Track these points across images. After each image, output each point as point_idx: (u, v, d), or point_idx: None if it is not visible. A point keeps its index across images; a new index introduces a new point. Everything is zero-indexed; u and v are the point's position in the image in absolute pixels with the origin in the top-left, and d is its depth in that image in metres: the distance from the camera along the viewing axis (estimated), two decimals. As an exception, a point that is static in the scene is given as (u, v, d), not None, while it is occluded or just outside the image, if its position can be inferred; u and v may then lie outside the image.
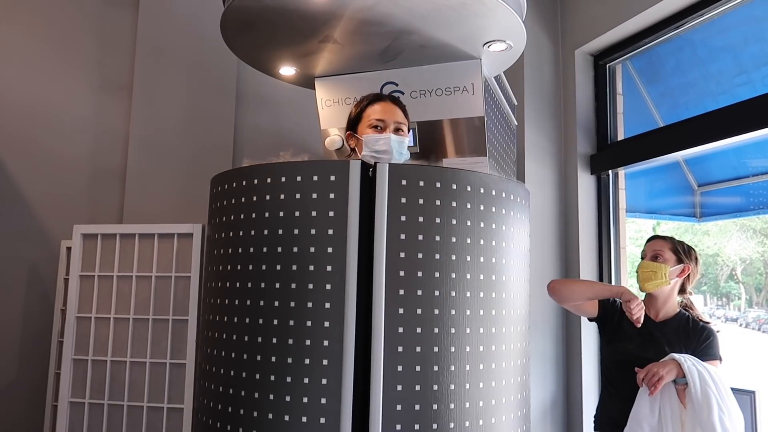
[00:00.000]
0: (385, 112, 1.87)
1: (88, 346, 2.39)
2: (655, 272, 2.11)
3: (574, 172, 3.26)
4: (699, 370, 1.89)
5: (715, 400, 1.84)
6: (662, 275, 2.10)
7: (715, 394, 1.85)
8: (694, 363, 1.92)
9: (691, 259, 2.16)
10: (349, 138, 1.94)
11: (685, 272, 2.15)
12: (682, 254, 2.15)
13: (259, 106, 3.26)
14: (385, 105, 1.89)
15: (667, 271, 2.11)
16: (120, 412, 2.34)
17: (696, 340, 2.06)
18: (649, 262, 2.14)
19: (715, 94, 3.10)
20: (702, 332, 2.07)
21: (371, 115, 1.87)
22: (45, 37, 3.07)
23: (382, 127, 1.85)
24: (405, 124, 1.89)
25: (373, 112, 1.88)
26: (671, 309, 2.15)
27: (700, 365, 1.92)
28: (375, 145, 1.82)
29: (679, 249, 2.16)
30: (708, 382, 1.87)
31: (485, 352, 1.30)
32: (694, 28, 2.87)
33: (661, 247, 2.16)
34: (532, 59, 3.31)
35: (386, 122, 1.85)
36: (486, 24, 1.92)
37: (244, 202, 1.34)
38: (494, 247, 1.35)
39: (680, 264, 2.14)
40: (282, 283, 1.26)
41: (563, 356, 3.22)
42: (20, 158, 2.97)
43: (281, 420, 1.22)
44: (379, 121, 1.85)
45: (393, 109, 1.89)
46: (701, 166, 3.54)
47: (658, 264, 2.12)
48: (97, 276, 2.44)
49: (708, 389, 1.86)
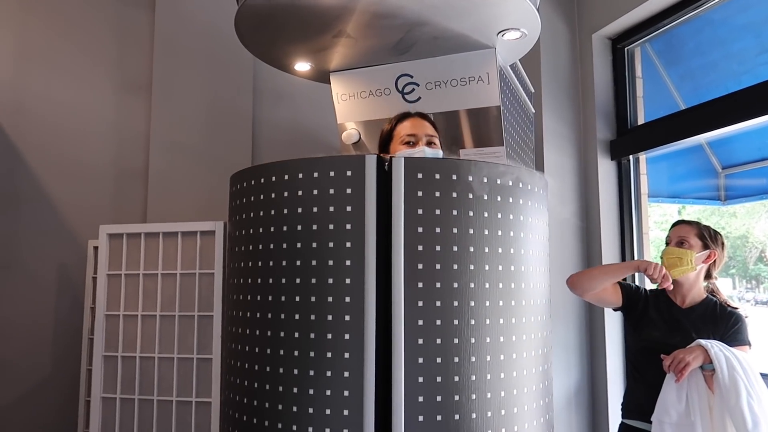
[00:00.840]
0: (415, 127, 1.90)
1: (118, 343, 2.45)
2: (681, 258, 2.08)
3: (594, 159, 3.22)
4: (726, 355, 1.87)
5: (744, 386, 1.82)
6: (688, 261, 2.07)
7: (743, 380, 1.83)
8: (722, 348, 1.89)
9: (718, 244, 2.13)
10: None
11: (711, 258, 2.11)
12: (708, 239, 2.11)
13: (276, 102, 3.28)
14: (414, 121, 1.92)
15: (692, 257, 2.07)
16: (150, 406, 2.39)
17: (724, 325, 2.03)
18: (675, 248, 2.10)
19: (738, 74, 3.03)
20: (730, 317, 2.04)
21: (402, 132, 1.91)
22: (65, 40, 3.13)
23: (414, 141, 1.88)
24: (436, 137, 1.92)
25: (403, 128, 1.91)
26: (697, 295, 2.12)
27: (727, 350, 1.89)
28: None
29: (705, 234, 2.12)
30: (736, 368, 1.84)
31: (505, 343, 1.31)
32: (714, 7, 2.81)
33: (687, 232, 2.12)
34: (548, 45, 3.28)
35: (418, 136, 1.88)
36: (499, 12, 1.91)
37: (262, 199, 1.36)
38: (512, 237, 1.35)
39: (706, 250, 2.10)
40: (302, 279, 1.28)
41: (587, 345, 3.20)
42: (46, 162, 3.04)
43: (305, 412, 1.25)
44: (411, 137, 1.88)
45: (422, 123, 1.91)
46: (725, 148, 3.47)
47: (683, 250, 2.08)
48: (124, 274, 2.49)
49: (736, 375, 1.83)
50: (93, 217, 2.94)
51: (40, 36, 3.11)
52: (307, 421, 1.25)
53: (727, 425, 1.83)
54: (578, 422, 3.13)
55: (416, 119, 1.93)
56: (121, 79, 3.18)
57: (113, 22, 3.20)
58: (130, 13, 3.22)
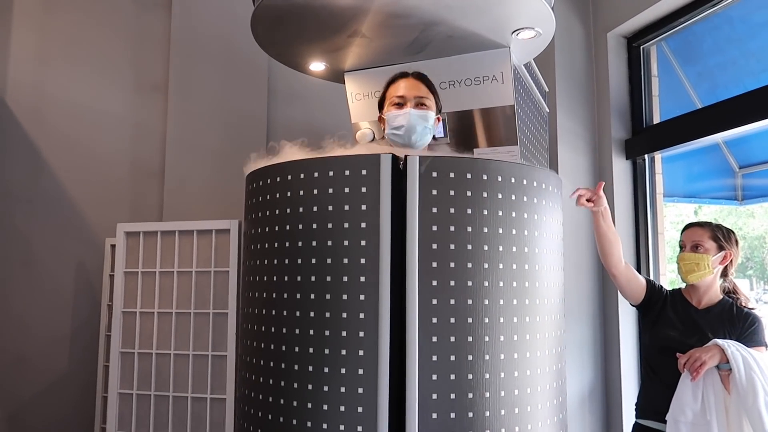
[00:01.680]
0: (407, 88, 1.82)
1: (134, 340, 2.49)
2: (698, 264, 2.06)
3: (609, 158, 3.20)
4: (743, 355, 1.85)
5: (761, 386, 1.80)
6: (705, 266, 2.06)
7: (760, 380, 1.81)
8: (738, 348, 1.88)
9: (732, 243, 2.11)
10: (380, 121, 1.92)
11: (728, 259, 2.09)
12: (723, 240, 2.09)
13: (291, 101, 3.30)
14: (407, 81, 1.85)
15: (709, 261, 2.06)
16: (166, 402, 2.42)
17: (740, 326, 2.01)
18: (690, 254, 2.09)
19: (756, 72, 2.99)
20: (746, 318, 2.02)
21: (392, 93, 1.84)
22: (84, 42, 3.18)
23: (402, 103, 1.80)
24: (429, 99, 1.83)
25: (394, 89, 1.85)
26: (714, 296, 2.11)
27: (744, 350, 1.88)
28: (394, 122, 1.79)
29: (718, 235, 2.10)
30: (753, 368, 1.83)
31: (519, 341, 1.31)
32: (732, 4, 2.78)
33: (700, 236, 2.10)
34: (563, 44, 3.26)
35: (406, 98, 1.80)
36: (513, 12, 1.91)
37: (278, 197, 1.38)
38: (526, 236, 1.35)
39: (721, 251, 2.08)
40: (317, 277, 1.29)
41: (601, 344, 3.18)
42: (65, 161, 3.09)
43: (320, 409, 1.26)
44: (400, 98, 1.81)
45: (415, 84, 1.83)
46: (742, 147, 3.43)
47: (699, 255, 2.07)
48: (141, 272, 2.52)
49: (753, 374, 1.82)
50: (110, 215, 2.98)
51: (59, 38, 3.15)
52: (321, 417, 1.26)
53: (744, 425, 1.82)
54: (592, 422, 3.11)
55: (409, 80, 1.85)
56: (138, 79, 3.22)
57: (131, 25, 3.24)
58: (147, 15, 3.26)
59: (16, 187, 3.04)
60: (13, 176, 3.04)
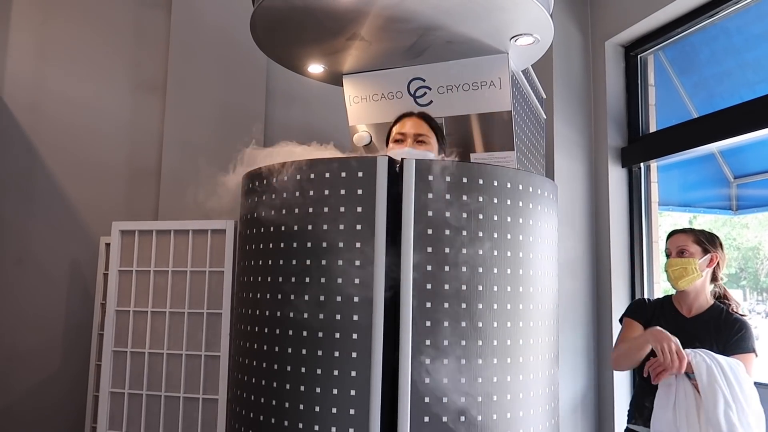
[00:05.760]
0: (408, 126, 1.95)
1: (127, 339, 2.48)
2: (686, 268, 2.08)
3: (605, 165, 3.22)
4: (708, 363, 1.86)
5: (722, 395, 1.81)
6: (693, 269, 2.07)
7: (722, 389, 1.82)
8: (705, 357, 1.89)
9: (717, 246, 2.13)
10: None
11: (714, 261, 2.11)
12: (707, 243, 2.11)
13: (289, 103, 3.31)
14: (410, 120, 1.97)
15: (696, 264, 2.07)
16: (157, 402, 2.41)
17: (727, 333, 2.01)
18: (677, 260, 2.10)
19: (752, 83, 3.02)
20: (733, 325, 2.03)
21: (395, 130, 1.98)
22: (83, 40, 3.17)
23: (402, 140, 1.93)
24: (429, 137, 1.94)
25: (397, 127, 1.98)
26: (704, 302, 2.12)
27: (711, 359, 1.88)
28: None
29: (702, 239, 2.12)
30: (715, 376, 1.84)
31: (512, 346, 1.31)
32: (729, 16, 2.80)
33: (684, 241, 2.12)
34: (561, 51, 3.28)
35: (406, 135, 1.93)
36: (512, 18, 1.92)
37: (274, 198, 1.38)
38: (521, 241, 1.36)
39: (707, 254, 2.10)
40: (312, 278, 1.29)
41: (594, 350, 3.19)
42: (61, 159, 3.08)
43: (312, 410, 1.26)
44: (401, 135, 1.94)
45: (417, 122, 1.95)
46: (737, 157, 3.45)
47: (686, 259, 2.08)
48: (135, 271, 2.52)
49: (715, 383, 1.83)
50: (105, 213, 2.97)
51: (58, 36, 3.15)
52: (313, 419, 1.26)
53: None
54: (584, 428, 3.12)
55: (413, 118, 1.97)
56: (136, 79, 3.22)
57: (130, 23, 3.24)
58: (146, 14, 3.26)
59: (12, 183, 3.03)
60: (9, 173, 3.04)
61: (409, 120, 1.97)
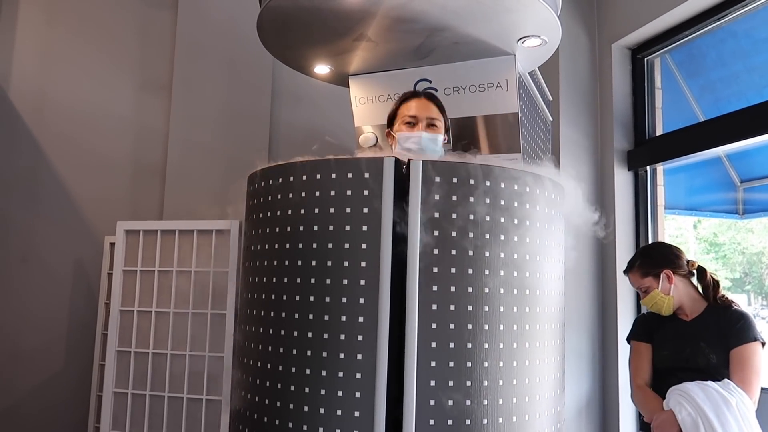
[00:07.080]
0: (419, 108, 1.90)
1: (131, 339, 2.47)
2: (655, 302, 2.13)
3: (611, 168, 3.20)
4: (693, 419, 1.86)
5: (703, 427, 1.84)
6: (661, 298, 2.11)
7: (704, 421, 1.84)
8: (690, 412, 1.88)
9: (662, 260, 2.14)
10: (388, 135, 1.99)
11: (670, 276, 2.12)
12: (651, 268, 2.14)
13: (294, 103, 3.30)
14: (419, 101, 1.92)
15: (659, 294, 2.11)
16: (161, 402, 2.41)
17: (728, 327, 2.02)
18: (645, 298, 2.16)
19: (760, 86, 3.00)
20: (732, 317, 2.03)
21: (405, 112, 1.91)
22: (89, 40, 3.18)
23: (414, 123, 1.88)
24: (439, 120, 1.91)
25: (407, 109, 1.92)
26: (698, 305, 2.13)
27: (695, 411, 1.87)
28: (406, 143, 1.86)
29: (646, 268, 2.15)
30: (700, 428, 1.84)
31: (519, 349, 1.30)
32: (736, 19, 2.78)
33: (636, 281, 2.19)
34: (567, 54, 3.27)
35: (418, 118, 1.88)
36: (520, 19, 1.91)
37: (279, 199, 1.37)
38: (528, 243, 1.34)
39: (659, 276, 2.12)
40: (317, 279, 1.28)
41: (599, 354, 3.18)
42: (67, 158, 3.09)
43: (316, 412, 1.25)
44: (412, 118, 1.89)
45: (427, 105, 1.91)
46: (744, 161, 3.43)
47: (650, 295, 2.13)
48: (139, 271, 2.51)
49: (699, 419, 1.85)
50: (110, 213, 2.97)
51: (64, 35, 3.16)
52: (317, 421, 1.25)
53: None
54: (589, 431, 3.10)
55: (421, 100, 1.93)
56: (142, 78, 3.22)
57: (136, 23, 3.24)
58: (152, 14, 3.26)
59: (17, 182, 3.04)
60: (14, 172, 3.04)
61: (416, 101, 1.92)
